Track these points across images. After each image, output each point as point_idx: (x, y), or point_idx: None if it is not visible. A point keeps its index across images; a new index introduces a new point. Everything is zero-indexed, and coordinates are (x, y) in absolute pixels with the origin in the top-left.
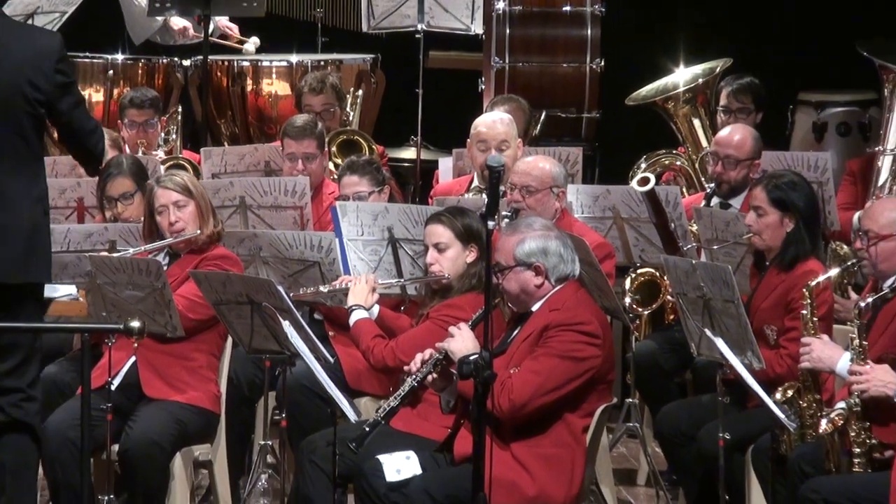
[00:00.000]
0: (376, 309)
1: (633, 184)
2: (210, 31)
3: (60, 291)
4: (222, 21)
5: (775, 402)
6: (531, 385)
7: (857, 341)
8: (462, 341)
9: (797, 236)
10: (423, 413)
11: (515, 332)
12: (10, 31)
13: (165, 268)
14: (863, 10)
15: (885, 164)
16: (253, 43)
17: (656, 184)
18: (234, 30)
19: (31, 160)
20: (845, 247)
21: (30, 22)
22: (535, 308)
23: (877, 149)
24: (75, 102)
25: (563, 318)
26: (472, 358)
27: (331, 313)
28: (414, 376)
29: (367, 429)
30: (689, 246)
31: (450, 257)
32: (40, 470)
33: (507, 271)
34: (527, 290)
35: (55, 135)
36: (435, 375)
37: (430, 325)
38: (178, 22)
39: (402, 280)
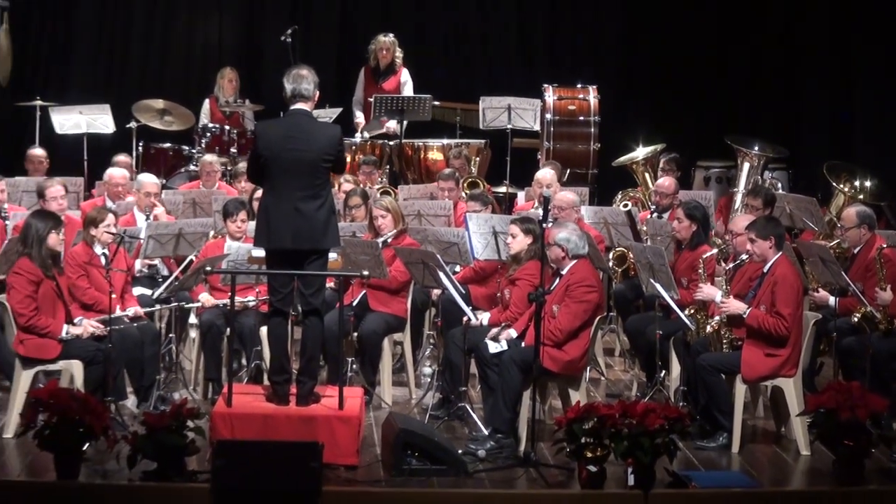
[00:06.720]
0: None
1: (620, 207)
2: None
3: (330, 256)
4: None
5: (685, 315)
6: (568, 320)
7: (724, 287)
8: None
9: (698, 233)
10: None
11: (555, 283)
12: (315, 125)
13: (381, 248)
14: (728, 116)
15: (738, 198)
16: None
17: (629, 208)
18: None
19: (321, 188)
20: (719, 240)
21: None
22: (563, 271)
23: (734, 190)
24: (343, 157)
25: (577, 278)
26: (535, 293)
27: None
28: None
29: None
30: (646, 237)
31: (519, 241)
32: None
33: (550, 247)
34: (557, 259)
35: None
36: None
37: (521, 283)
38: (360, 120)
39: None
